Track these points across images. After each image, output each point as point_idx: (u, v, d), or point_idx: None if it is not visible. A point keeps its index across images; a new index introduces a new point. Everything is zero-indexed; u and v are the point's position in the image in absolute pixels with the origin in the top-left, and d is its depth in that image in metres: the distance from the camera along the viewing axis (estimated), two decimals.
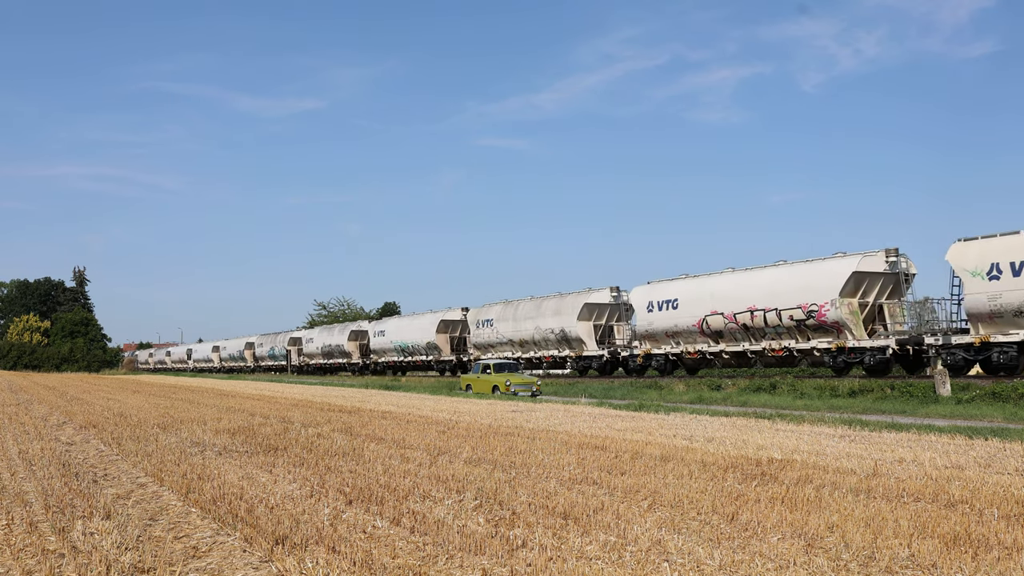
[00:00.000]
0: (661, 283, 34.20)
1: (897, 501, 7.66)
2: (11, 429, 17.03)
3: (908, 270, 27.07)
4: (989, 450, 11.33)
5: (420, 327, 50.44)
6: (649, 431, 14.50)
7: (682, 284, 33.23)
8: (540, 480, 9.08)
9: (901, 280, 27.14)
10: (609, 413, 19.17)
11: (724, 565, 5.57)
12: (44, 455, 12.10)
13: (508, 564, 5.64)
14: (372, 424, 16.47)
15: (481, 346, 44.40)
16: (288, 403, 24.76)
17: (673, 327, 32.64)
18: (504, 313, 42.94)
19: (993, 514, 7.01)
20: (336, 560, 5.77)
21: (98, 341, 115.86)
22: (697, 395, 25.67)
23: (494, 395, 28.19)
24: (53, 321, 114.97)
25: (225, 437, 14.24)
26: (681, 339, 32.77)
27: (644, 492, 8.20)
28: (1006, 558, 5.68)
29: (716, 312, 30.70)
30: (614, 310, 38.54)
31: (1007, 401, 19.47)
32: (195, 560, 6.01)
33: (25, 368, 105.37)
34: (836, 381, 25.41)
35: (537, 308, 40.50)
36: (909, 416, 18.01)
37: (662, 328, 33.17)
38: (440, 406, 22.28)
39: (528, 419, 17.24)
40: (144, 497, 8.54)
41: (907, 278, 27.30)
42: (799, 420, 16.11)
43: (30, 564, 5.95)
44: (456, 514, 7.27)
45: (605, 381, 34.57)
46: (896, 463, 10.07)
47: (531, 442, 12.71)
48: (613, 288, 38.05)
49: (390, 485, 8.76)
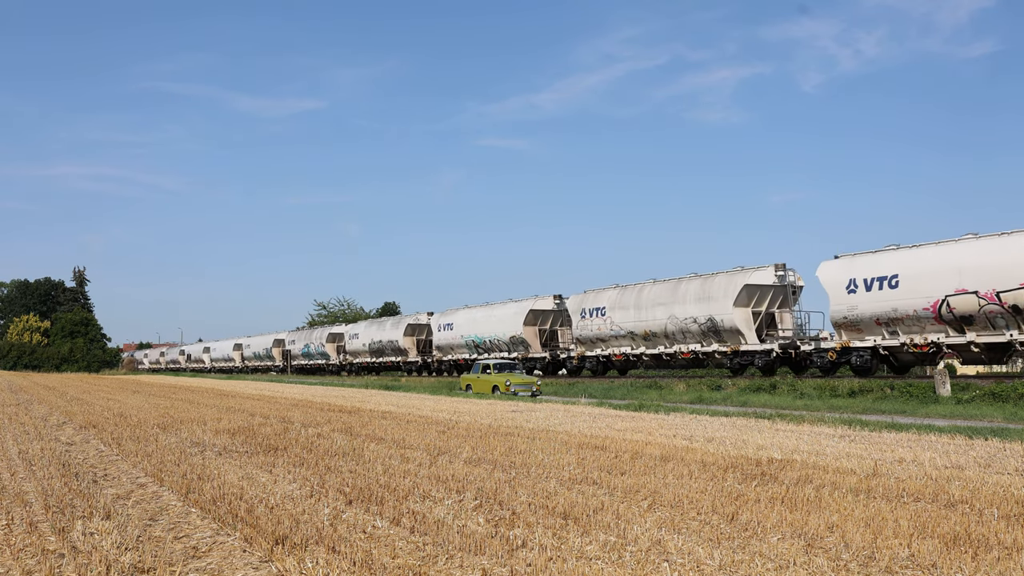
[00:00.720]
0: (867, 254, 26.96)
1: (897, 501, 7.66)
2: (11, 429, 17.03)
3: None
4: (989, 450, 11.33)
5: (501, 318, 43.34)
6: (649, 431, 14.51)
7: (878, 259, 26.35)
8: (540, 480, 9.08)
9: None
10: (609, 413, 19.17)
11: (724, 565, 5.57)
12: (44, 455, 12.10)
13: (508, 564, 5.64)
14: (372, 424, 16.47)
15: (588, 340, 37.45)
16: (288, 403, 24.76)
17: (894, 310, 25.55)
18: (622, 299, 35.73)
19: (993, 514, 7.01)
20: (336, 560, 5.77)
21: (98, 341, 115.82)
22: (697, 395, 25.68)
23: (494, 395, 28.19)
24: (53, 321, 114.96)
25: (225, 437, 14.24)
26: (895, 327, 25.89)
27: (644, 492, 8.20)
28: (1006, 558, 5.68)
29: None
30: (778, 292, 31.49)
31: (1007, 401, 19.48)
32: (195, 560, 6.01)
33: (25, 368, 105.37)
34: (836, 381, 25.43)
35: (672, 292, 33.37)
36: (909, 416, 18.01)
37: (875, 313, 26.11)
38: (440, 406, 22.28)
39: (528, 419, 17.24)
40: (144, 497, 8.54)
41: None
42: (799, 420, 16.12)
43: (30, 564, 5.95)
44: (456, 514, 7.27)
45: (605, 381, 34.53)
46: (896, 463, 10.07)
47: (531, 442, 12.71)
48: (779, 265, 31.24)
49: (390, 485, 8.76)
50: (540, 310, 41.95)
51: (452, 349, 47.76)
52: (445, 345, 48.28)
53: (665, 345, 33.78)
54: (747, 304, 31.02)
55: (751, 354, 30.69)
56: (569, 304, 39.17)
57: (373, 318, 61.48)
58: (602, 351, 36.68)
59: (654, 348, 34.25)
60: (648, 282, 35.32)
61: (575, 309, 38.16)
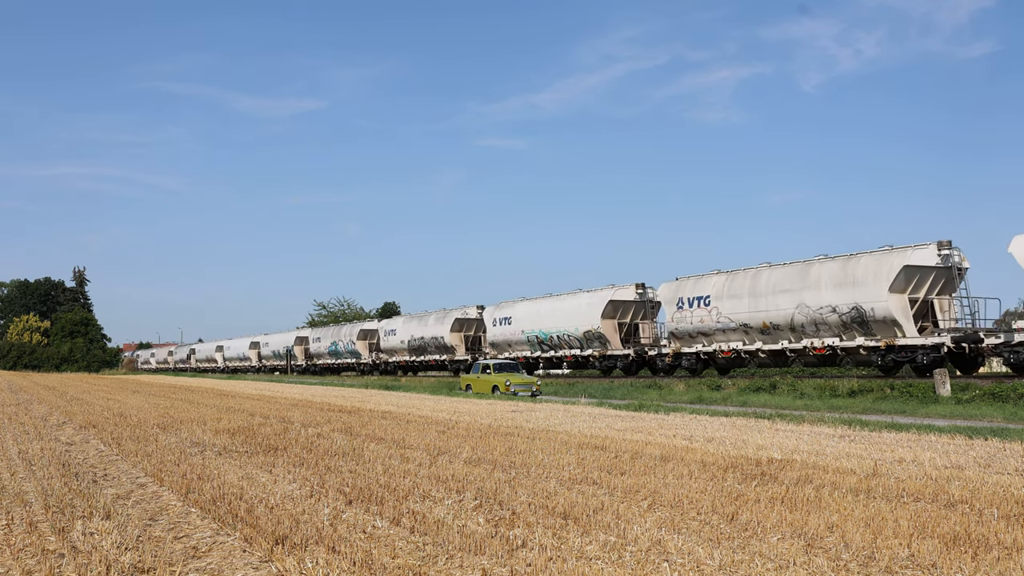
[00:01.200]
0: None
1: (897, 501, 7.67)
2: (11, 429, 17.03)
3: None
4: (989, 450, 11.33)
5: (573, 311, 38.50)
6: (649, 431, 14.51)
7: None
8: (540, 480, 9.08)
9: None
10: (609, 413, 19.17)
11: (724, 565, 5.57)
12: (44, 455, 12.10)
13: (508, 564, 5.64)
14: (372, 424, 16.48)
15: (686, 334, 32.70)
16: (288, 403, 24.76)
17: None
18: (731, 286, 30.83)
19: (993, 514, 7.02)
20: (336, 560, 5.77)
21: (98, 341, 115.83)
22: (697, 395, 25.68)
23: (494, 395, 28.20)
24: (53, 321, 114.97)
25: (225, 437, 14.24)
26: None
27: (644, 492, 8.20)
28: (1006, 558, 5.68)
29: None
30: (940, 275, 26.50)
31: (1007, 401, 19.48)
32: (195, 560, 6.01)
33: (25, 368, 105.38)
34: (836, 381, 25.44)
35: (800, 276, 28.17)
36: (909, 416, 18.02)
37: None
38: (440, 406, 22.28)
39: (528, 419, 17.25)
40: (144, 497, 8.54)
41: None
42: (799, 420, 16.12)
43: (30, 564, 5.95)
44: (456, 514, 7.27)
45: (605, 381, 34.49)
46: (896, 463, 10.07)
47: (531, 442, 12.71)
48: (943, 243, 26.35)
49: (390, 485, 8.77)
50: (620, 301, 36.90)
51: (510, 346, 42.60)
52: (501, 342, 43.10)
53: (790, 339, 28.77)
54: (904, 290, 25.87)
55: (911, 349, 25.47)
56: (662, 293, 34.59)
57: (415, 314, 53.77)
58: (703, 346, 32.12)
59: (775, 343, 29.36)
60: (763, 266, 30.38)
61: (669, 298, 33.62)
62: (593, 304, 37.42)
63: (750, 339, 30.36)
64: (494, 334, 43.44)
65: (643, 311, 37.49)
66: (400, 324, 53.36)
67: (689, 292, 32.72)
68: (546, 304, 40.93)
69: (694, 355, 32.75)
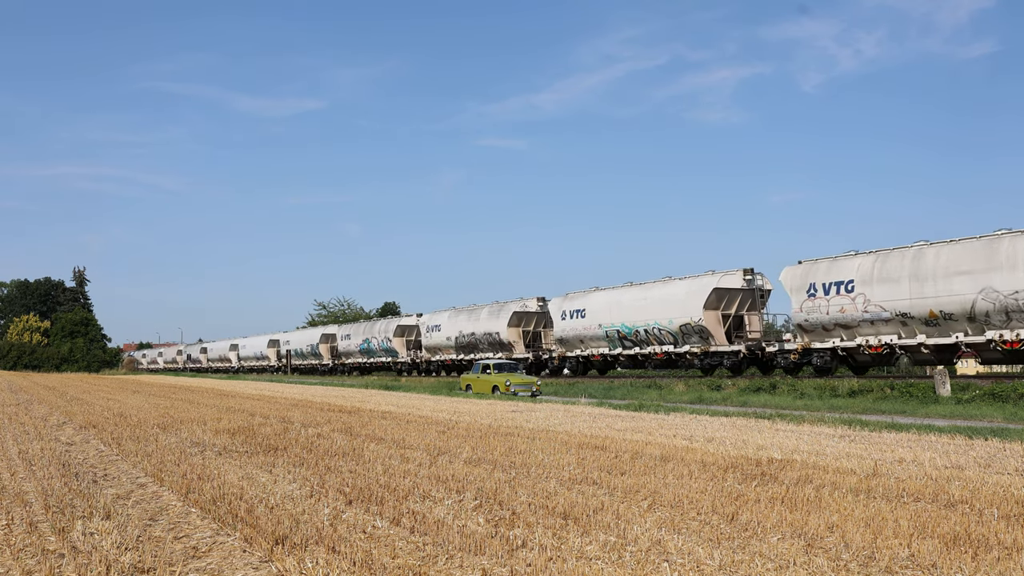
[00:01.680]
0: None
1: (897, 501, 7.66)
2: (11, 429, 17.02)
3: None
4: (989, 450, 11.33)
5: (666, 300, 33.06)
6: (649, 431, 14.51)
7: None
8: (540, 480, 9.08)
9: None
10: (609, 413, 19.17)
11: (724, 565, 5.57)
12: (44, 455, 12.10)
13: (508, 564, 5.64)
14: (372, 424, 16.47)
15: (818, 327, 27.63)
16: (288, 403, 24.76)
17: None
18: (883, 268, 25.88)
19: (993, 514, 7.01)
20: (336, 560, 5.77)
21: (98, 341, 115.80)
22: (697, 395, 25.68)
23: (494, 395, 28.19)
24: (53, 321, 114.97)
25: (225, 437, 14.24)
26: None
27: (644, 492, 8.20)
28: (1006, 558, 5.68)
29: None
30: None
31: (1007, 401, 19.48)
32: (195, 560, 6.01)
33: (25, 368, 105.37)
34: (836, 381, 25.43)
35: (985, 255, 23.17)
36: (909, 416, 18.02)
37: None
38: (440, 406, 22.28)
39: (528, 419, 17.24)
40: (144, 497, 8.54)
41: None
42: (799, 420, 16.12)
43: (30, 564, 5.95)
44: (456, 514, 7.27)
45: (605, 381, 34.39)
46: (896, 463, 10.07)
47: (531, 442, 12.71)
48: None
49: (390, 485, 8.76)
50: (725, 289, 31.86)
51: (583, 342, 37.18)
52: (572, 337, 37.63)
53: (967, 331, 23.87)
54: None
55: None
56: (785, 278, 28.82)
57: (462, 307, 47.83)
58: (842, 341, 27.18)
59: (946, 335, 24.40)
60: (920, 244, 25.63)
61: (796, 285, 28.40)
62: (693, 293, 32.12)
63: (908, 331, 25.48)
64: (563, 329, 38.15)
65: (750, 300, 32.19)
66: (446, 319, 47.71)
67: (824, 277, 27.82)
68: (630, 294, 35.40)
69: (828, 351, 27.92)
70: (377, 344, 55.01)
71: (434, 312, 50.56)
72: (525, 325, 42.99)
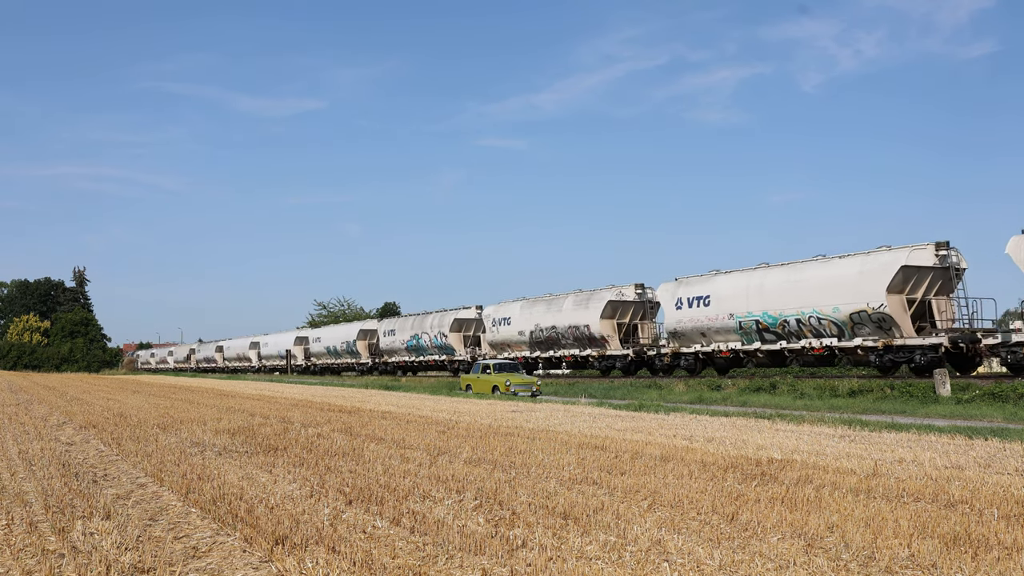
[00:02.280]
0: None
1: (897, 501, 7.66)
2: (11, 429, 17.03)
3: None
4: (989, 450, 11.33)
5: (826, 284, 27.35)
6: (649, 431, 14.51)
7: None
8: (540, 480, 9.08)
9: None
10: (609, 413, 19.17)
11: (724, 565, 5.57)
12: (44, 455, 12.10)
13: (508, 564, 5.64)
14: (372, 424, 16.48)
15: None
16: (288, 403, 24.76)
17: None
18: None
19: (993, 514, 7.01)
20: (336, 560, 5.77)
21: (98, 341, 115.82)
22: (697, 395, 25.67)
23: (494, 395, 28.20)
24: (53, 321, 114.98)
25: (225, 437, 14.24)
26: None
27: (644, 492, 8.20)
28: (1006, 558, 5.68)
29: None
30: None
31: (1007, 401, 19.48)
32: (195, 560, 6.01)
33: (25, 368, 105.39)
34: (836, 381, 25.42)
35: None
36: (909, 416, 18.01)
37: None
38: (440, 406, 22.28)
39: (528, 419, 17.24)
40: (144, 497, 8.54)
41: None
42: (799, 420, 16.12)
43: (30, 564, 5.95)
44: (456, 514, 7.27)
45: (605, 381, 34.32)
46: (896, 463, 10.07)
47: (531, 442, 12.71)
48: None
49: (390, 485, 8.76)
50: (915, 267, 25.67)
51: (704, 335, 31.46)
52: (690, 330, 31.83)
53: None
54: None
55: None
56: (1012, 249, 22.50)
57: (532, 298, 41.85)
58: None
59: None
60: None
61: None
62: (869, 273, 26.06)
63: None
64: (677, 320, 32.37)
65: (939, 283, 26.39)
66: (518, 311, 41.57)
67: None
68: (774, 275, 29.46)
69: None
70: (429, 340, 48.76)
71: (502, 304, 43.97)
72: (621, 316, 36.33)
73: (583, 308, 37.35)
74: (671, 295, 33.29)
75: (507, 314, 42.37)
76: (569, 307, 38.44)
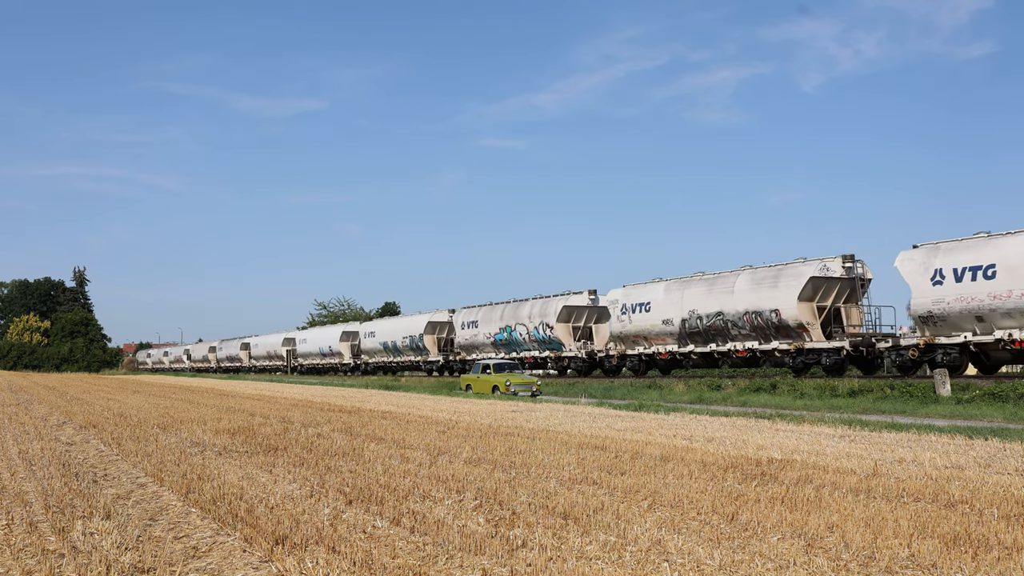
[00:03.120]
0: None
1: (897, 501, 7.67)
2: (11, 429, 17.03)
3: None
4: (989, 450, 11.33)
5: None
6: (649, 431, 14.51)
7: None
8: (540, 480, 9.08)
9: None
10: (609, 413, 19.17)
11: (724, 565, 5.57)
12: (44, 455, 12.10)
13: (508, 564, 5.64)
14: (372, 424, 16.48)
15: None
16: (288, 403, 24.76)
17: None
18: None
19: (993, 514, 7.02)
20: (336, 560, 5.77)
21: (98, 341, 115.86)
22: (697, 395, 25.68)
23: (494, 395, 28.20)
24: (53, 321, 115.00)
25: (225, 437, 14.24)
26: None
27: (644, 492, 8.20)
28: (1006, 558, 5.68)
29: None
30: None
31: (1007, 401, 19.47)
32: (195, 560, 6.01)
33: (25, 368, 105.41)
34: (836, 381, 25.44)
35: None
36: (909, 416, 18.02)
37: None
38: (440, 406, 22.28)
39: (528, 419, 17.25)
40: (144, 497, 8.54)
41: None
42: (799, 420, 16.12)
43: (30, 564, 5.95)
44: (456, 514, 7.27)
45: (605, 381, 34.37)
46: (896, 463, 10.07)
47: (531, 442, 12.71)
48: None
49: (390, 485, 8.77)
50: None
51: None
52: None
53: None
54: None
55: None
56: None
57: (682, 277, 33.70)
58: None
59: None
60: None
61: None
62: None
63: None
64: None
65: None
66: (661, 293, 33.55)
67: None
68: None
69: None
70: (527, 334, 40.19)
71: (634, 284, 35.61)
72: (822, 299, 29.53)
73: (770, 287, 29.53)
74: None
75: (645, 298, 34.05)
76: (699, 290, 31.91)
